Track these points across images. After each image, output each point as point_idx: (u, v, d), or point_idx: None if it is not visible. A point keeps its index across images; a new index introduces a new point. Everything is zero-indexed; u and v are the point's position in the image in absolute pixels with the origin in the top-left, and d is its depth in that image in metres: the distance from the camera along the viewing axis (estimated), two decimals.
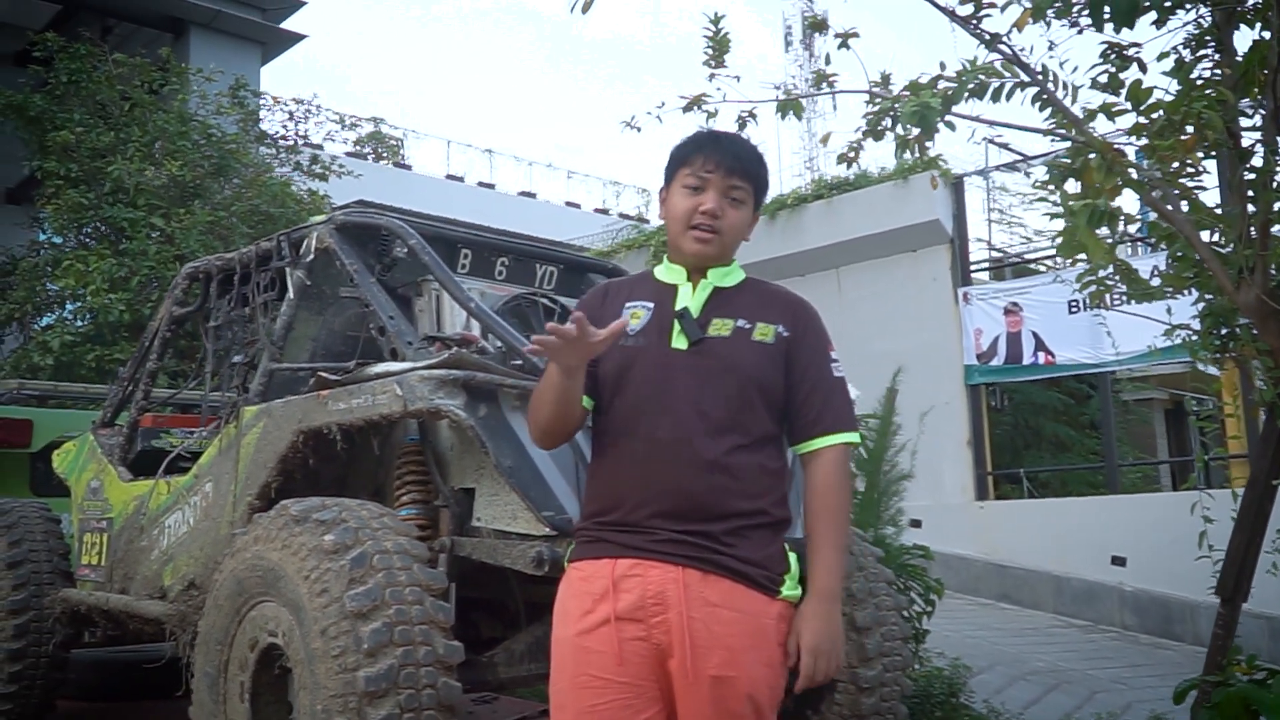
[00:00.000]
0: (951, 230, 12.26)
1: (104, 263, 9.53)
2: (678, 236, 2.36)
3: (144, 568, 4.54)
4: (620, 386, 2.30)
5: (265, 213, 10.46)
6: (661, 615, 2.17)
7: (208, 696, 3.49)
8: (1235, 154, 4.36)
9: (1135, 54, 4.44)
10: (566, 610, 2.27)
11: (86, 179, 10.23)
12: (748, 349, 2.30)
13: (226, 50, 13.10)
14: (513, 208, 25.06)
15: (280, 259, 4.37)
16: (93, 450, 5.19)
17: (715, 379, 2.26)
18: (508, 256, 4.56)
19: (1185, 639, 9.29)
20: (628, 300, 2.38)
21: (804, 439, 2.34)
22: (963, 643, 8.08)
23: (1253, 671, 4.36)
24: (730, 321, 2.31)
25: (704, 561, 2.19)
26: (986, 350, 11.79)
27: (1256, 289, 4.25)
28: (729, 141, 2.40)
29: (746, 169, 2.36)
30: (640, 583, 2.19)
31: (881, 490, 5.50)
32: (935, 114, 4.26)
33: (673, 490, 2.21)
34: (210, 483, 4.24)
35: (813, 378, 2.34)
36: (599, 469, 2.35)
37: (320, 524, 3.21)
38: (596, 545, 2.27)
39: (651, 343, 2.30)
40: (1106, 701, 6.66)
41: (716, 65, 4.87)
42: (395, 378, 3.49)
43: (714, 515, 2.21)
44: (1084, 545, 10.35)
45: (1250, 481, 4.71)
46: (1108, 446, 11.87)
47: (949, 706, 5.67)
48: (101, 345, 9.70)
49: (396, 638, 2.99)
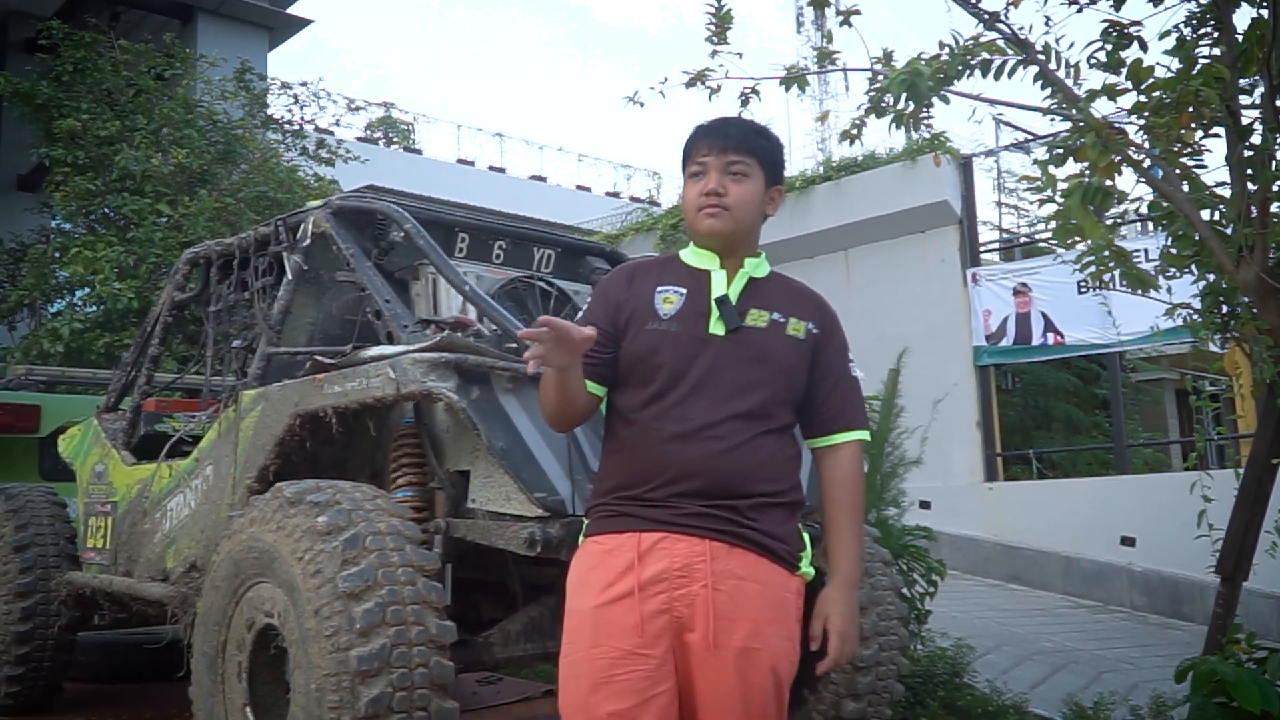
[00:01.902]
0: (960, 211, 12.22)
1: (112, 250, 9.57)
2: (692, 222, 2.43)
3: (147, 550, 4.58)
4: (650, 368, 2.33)
5: (272, 198, 10.49)
6: (686, 588, 2.21)
7: (206, 676, 3.53)
8: (1235, 132, 4.34)
9: (1137, 33, 4.42)
10: (586, 582, 2.29)
11: (94, 166, 10.28)
12: (781, 342, 2.38)
13: (234, 35, 13.12)
14: (524, 192, 25.06)
15: (278, 244, 4.39)
16: (97, 435, 5.23)
17: (749, 367, 2.33)
18: (505, 240, 4.58)
19: (1195, 619, 9.29)
20: (658, 284, 2.41)
21: (825, 433, 2.45)
22: (971, 623, 8.10)
23: (1253, 650, 4.36)
24: (766, 314, 2.39)
25: (729, 534, 2.24)
26: (995, 331, 11.77)
27: (1256, 267, 4.23)
28: (722, 123, 2.46)
29: (741, 144, 2.40)
30: (667, 555, 2.23)
31: (885, 472, 5.50)
32: (924, 83, 4.24)
33: (701, 471, 2.25)
34: (210, 466, 4.27)
35: (835, 375, 2.44)
36: (621, 446, 2.37)
37: (314, 506, 3.24)
38: (619, 519, 2.30)
39: (686, 327, 2.34)
40: (1113, 681, 6.66)
41: (719, 42, 4.87)
42: (388, 361, 3.51)
43: (739, 494, 2.26)
44: (1093, 526, 10.36)
45: (1250, 460, 4.70)
46: (1117, 427, 11.84)
47: (951, 686, 5.69)
48: (111, 332, 9.75)
49: (389, 617, 3.02)
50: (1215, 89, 4.02)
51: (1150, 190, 4.61)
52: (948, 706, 5.51)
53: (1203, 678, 3.95)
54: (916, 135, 4.69)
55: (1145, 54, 4.37)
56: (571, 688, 2.25)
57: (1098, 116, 4.29)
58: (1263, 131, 4.26)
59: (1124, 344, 11.00)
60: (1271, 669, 3.98)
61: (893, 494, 5.46)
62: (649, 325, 2.35)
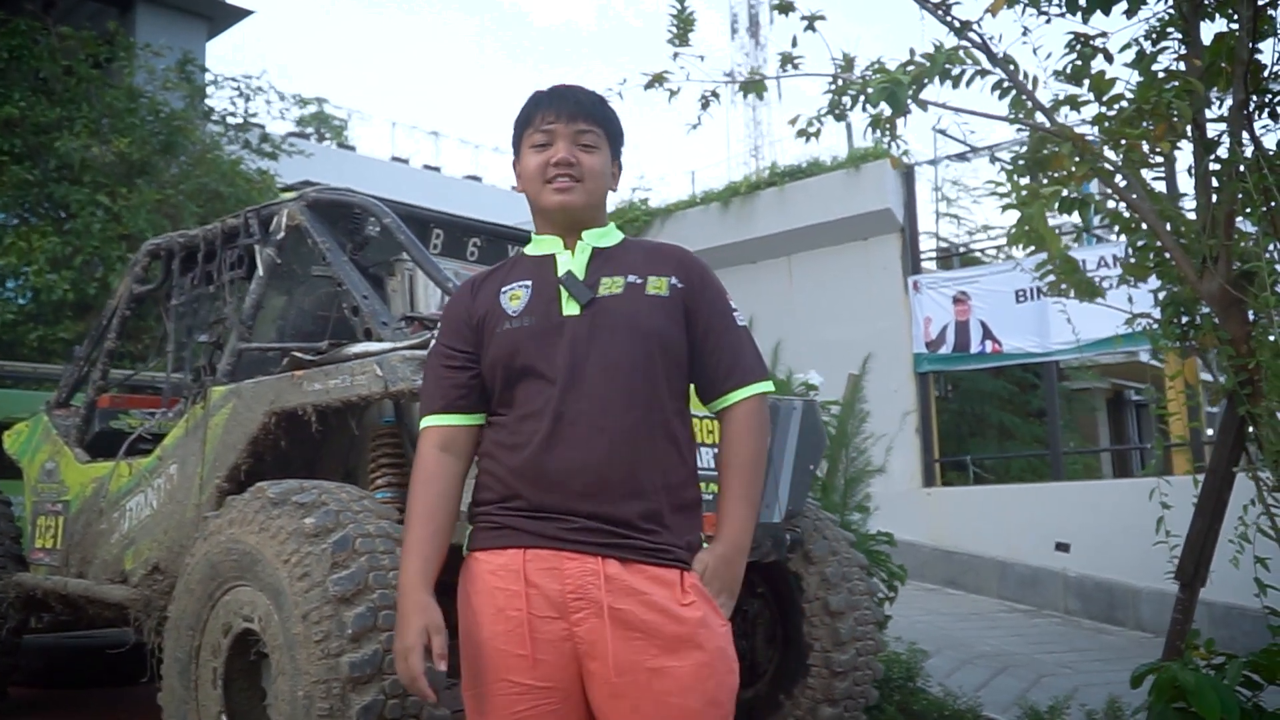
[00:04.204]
0: (902, 219, 12.36)
1: (47, 241, 9.31)
2: (537, 195, 2.23)
3: (103, 551, 4.43)
4: (512, 369, 2.13)
5: (214, 191, 10.26)
6: (582, 611, 2.02)
7: (178, 683, 3.42)
8: (1201, 144, 4.42)
9: (1102, 44, 4.48)
10: (473, 608, 2.09)
11: (31, 155, 9.98)
12: (644, 304, 2.16)
13: (173, 24, 12.81)
14: (459, 191, 24.84)
15: (249, 236, 4.27)
16: (47, 431, 5.05)
17: (615, 341, 2.11)
18: (480, 237, 4.52)
19: (1127, 624, 9.48)
20: (501, 285, 2.22)
21: (716, 395, 2.23)
22: (912, 627, 8.15)
23: (1211, 656, 4.43)
24: (620, 279, 2.17)
25: (623, 548, 2.04)
26: (935, 338, 11.91)
27: (1220, 278, 4.31)
28: (566, 90, 2.28)
29: (591, 113, 2.24)
30: (557, 576, 2.03)
31: (850, 477, 5.52)
32: (904, 92, 4.27)
33: (582, 469, 2.05)
34: (175, 465, 4.14)
35: (717, 329, 2.22)
36: (497, 450, 2.15)
37: (300, 506, 3.15)
38: (502, 533, 2.09)
39: (538, 317, 2.14)
40: (1053, 685, 6.75)
41: (680, 44, 4.86)
42: (375, 358, 3.43)
43: (627, 493, 2.06)
44: (1029, 531, 10.51)
45: (1210, 468, 4.77)
46: (1052, 434, 12.03)
47: (906, 690, 5.73)
48: (44, 325, 9.48)
49: (381, 622, 2.95)
50: (1187, 101, 4.09)
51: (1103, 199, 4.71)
52: (904, 711, 5.55)
53: (1165, 684, 3.99)
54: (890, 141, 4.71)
55: (1111, 65, 4.45)
56: None
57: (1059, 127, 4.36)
58: (1230, 144, 4.35)
59: (1060, 353, 11.19)
60: (1231, 675, 4.05)
61: (859, 499, 5.48)
62: (500, 327, 2.15)
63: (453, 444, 2.19)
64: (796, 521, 4.01)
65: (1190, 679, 3.84)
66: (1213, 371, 4.98)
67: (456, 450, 2.20)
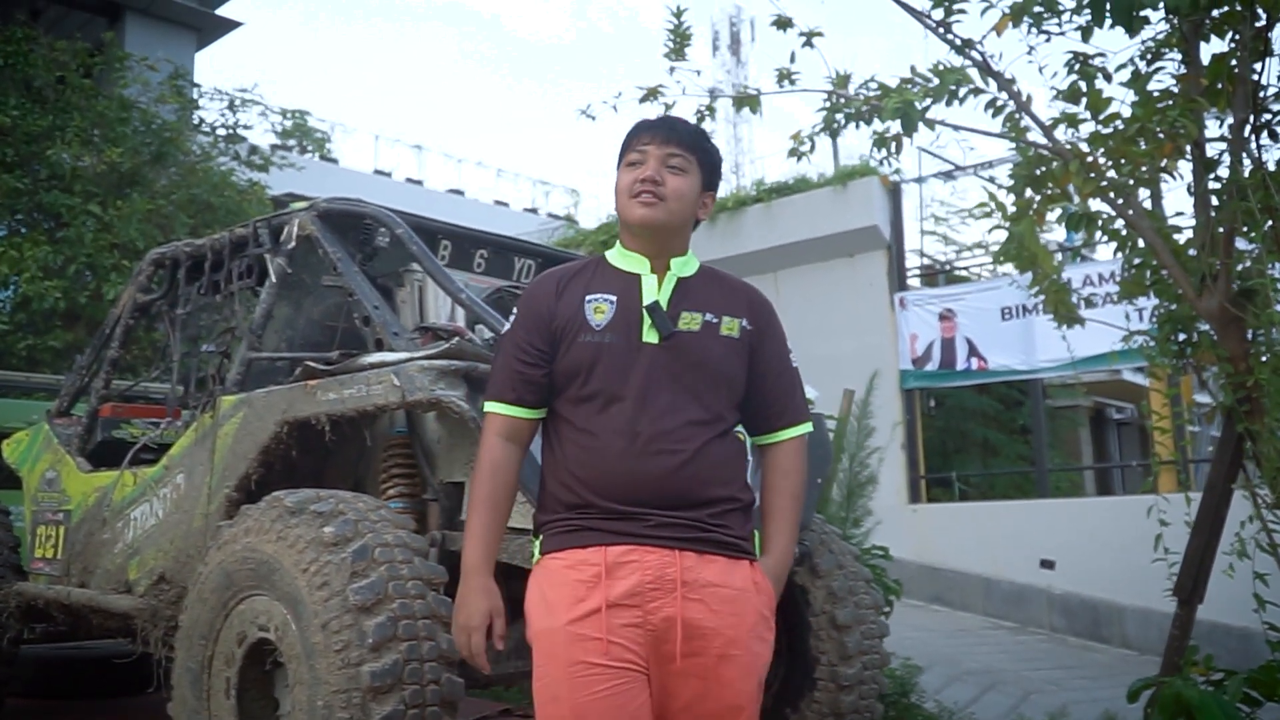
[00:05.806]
0: (889, 236, 12.42)
1: (38, 250, 9.26)
2: (624, 208, 2.36)
3: (106, 561, 4.41)
4: (589, 381, 2.28)
5: (205, 202, 10.23)
6: (659, 600, 2.17)
7: (190, 693, 3.40)
8: (1201, 163, 4.47)
9: (1101, 64, 4.53)
10: (551, 601, 2.22)
11: (22, 163, 9.93)
12: (716, 344, 2.33)
13: (163, 36, 12.78)
14: (441, 204, 24.73)
15: (258, 245, 4.27)
16: (48, 440, 5.02)
17: (688, 373, 2.29)
18: (486, 249, 4.53)
19: (1113, 641, 9.50)
20: (587, 292, 2.35)
21: (770, 430, 2.44)
22: (900, 643, 8.12)
23: (1209, 672, 4.45)
24: (699, 315, 2.33)
25: (698, 542, 2.22)
26: (921, 355, 11.95)
27: (1219, 296, 4.36)
28: (666, 119, 2.45)
29: (683, 139, 2.37)
30: (638, 568, 2.18)
31: (849, 491, 5.54)
32: (915, 112, 4.33)
33: (655, 482, 2.22)
34: (182, 474, 4.12)
35: (776, 370, 2.42)
36: (566, 461, 2.31)
37: (318, 515, 3.15)
38: (581, 534, 2.24)
39: (620, 336, 2.29)
40: (1042, 703, 6.77)
41: (677, 59, 4.90)
42: (392, 368, 3.43)
43: (700, 502, 2.24)
44: (1014, 548, 10.54)
45: (1208, 485, 4.82)
46: (1038, 452, 12.07)
47: (901, 706, 5.75)
48: (34, 334, 9.42)
49: (401, 632, 2.95)
50: (1190, 119, 4.14)
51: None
52: None
53: (1168, 700, 4.01)
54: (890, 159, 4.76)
55: (1110, 84, 4.50)
56: (552, 710, 2.17)
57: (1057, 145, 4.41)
58: (1230, 163, 4.40)
59: (1046, 370, 11.26)
60: (1232, 691, 4.08)
61: (857, 514, 5.50)
62: (582, 337, 2.30)
63: (517, 435, 2.39)
64: (804, 535, 4.02)
65: (1195, 695, 3.87)
66: (1209, 390, 5.03)
67: (520, 440, 2.40)
